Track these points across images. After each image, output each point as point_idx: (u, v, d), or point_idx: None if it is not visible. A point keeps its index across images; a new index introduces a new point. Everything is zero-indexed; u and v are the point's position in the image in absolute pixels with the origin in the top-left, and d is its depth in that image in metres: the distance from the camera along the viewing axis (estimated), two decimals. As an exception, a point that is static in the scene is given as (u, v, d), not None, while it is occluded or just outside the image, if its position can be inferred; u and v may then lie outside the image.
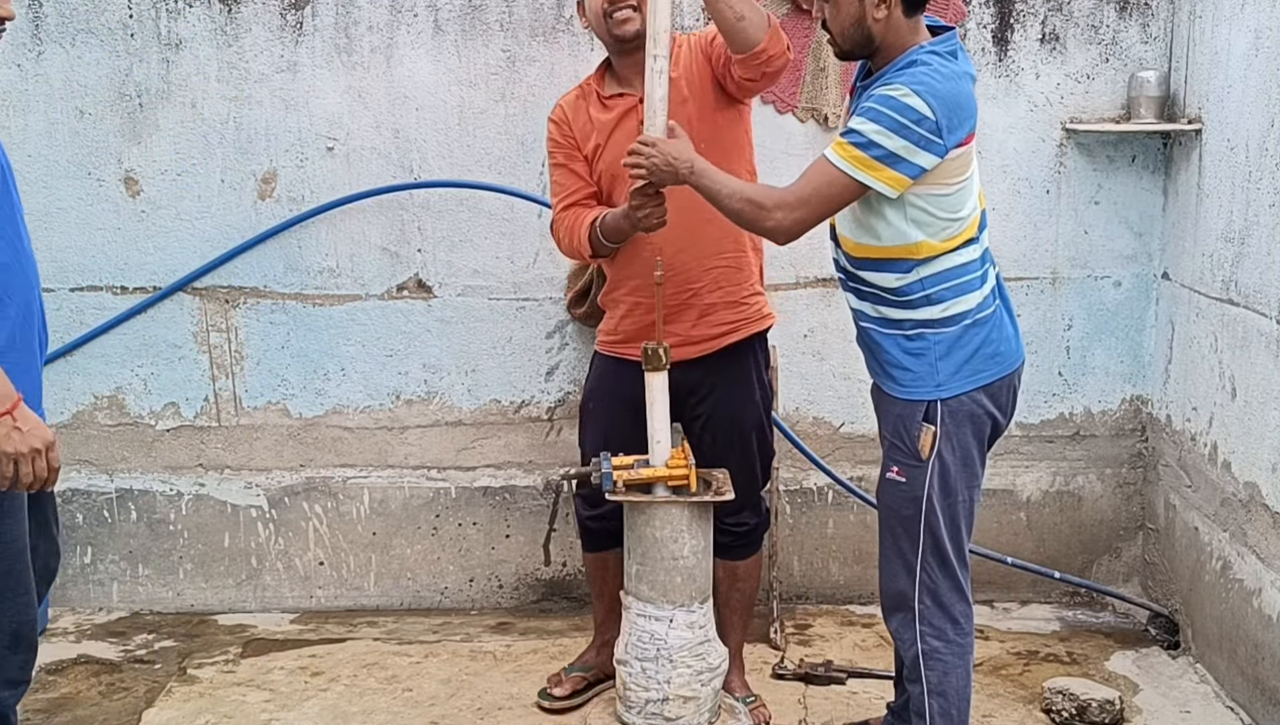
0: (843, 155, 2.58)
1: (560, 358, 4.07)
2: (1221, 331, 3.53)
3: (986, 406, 2.73)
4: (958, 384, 2.69)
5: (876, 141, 2.54)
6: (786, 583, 4.12)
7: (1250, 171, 3.35)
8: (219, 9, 3.87)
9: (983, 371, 2.71)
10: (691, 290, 3.18)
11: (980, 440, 2.75)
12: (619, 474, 3.11)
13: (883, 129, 2.54)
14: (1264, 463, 3.26)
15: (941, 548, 2.73)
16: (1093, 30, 3.89)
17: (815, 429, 4.11)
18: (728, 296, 3.21)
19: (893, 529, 2.79)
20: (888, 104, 2.54)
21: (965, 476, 2.73)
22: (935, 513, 2.71)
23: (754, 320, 3.27)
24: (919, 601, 2.75)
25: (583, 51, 3.90)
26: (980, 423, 2.73)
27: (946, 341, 2.69)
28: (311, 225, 3.97)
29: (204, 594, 4.16)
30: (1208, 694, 3.53)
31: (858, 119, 2.58)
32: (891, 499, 2.78)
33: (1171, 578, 3.91)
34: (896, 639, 2.84)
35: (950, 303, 2.69)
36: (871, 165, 2.56)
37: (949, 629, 2.76)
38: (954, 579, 2.75)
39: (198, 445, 4.10)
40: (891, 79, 2.58)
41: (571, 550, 4.11)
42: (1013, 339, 2.78)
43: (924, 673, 2.75)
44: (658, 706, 3.12)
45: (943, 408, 2.69)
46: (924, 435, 2.69)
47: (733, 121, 3.18)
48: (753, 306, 3.27)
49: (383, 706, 3.50)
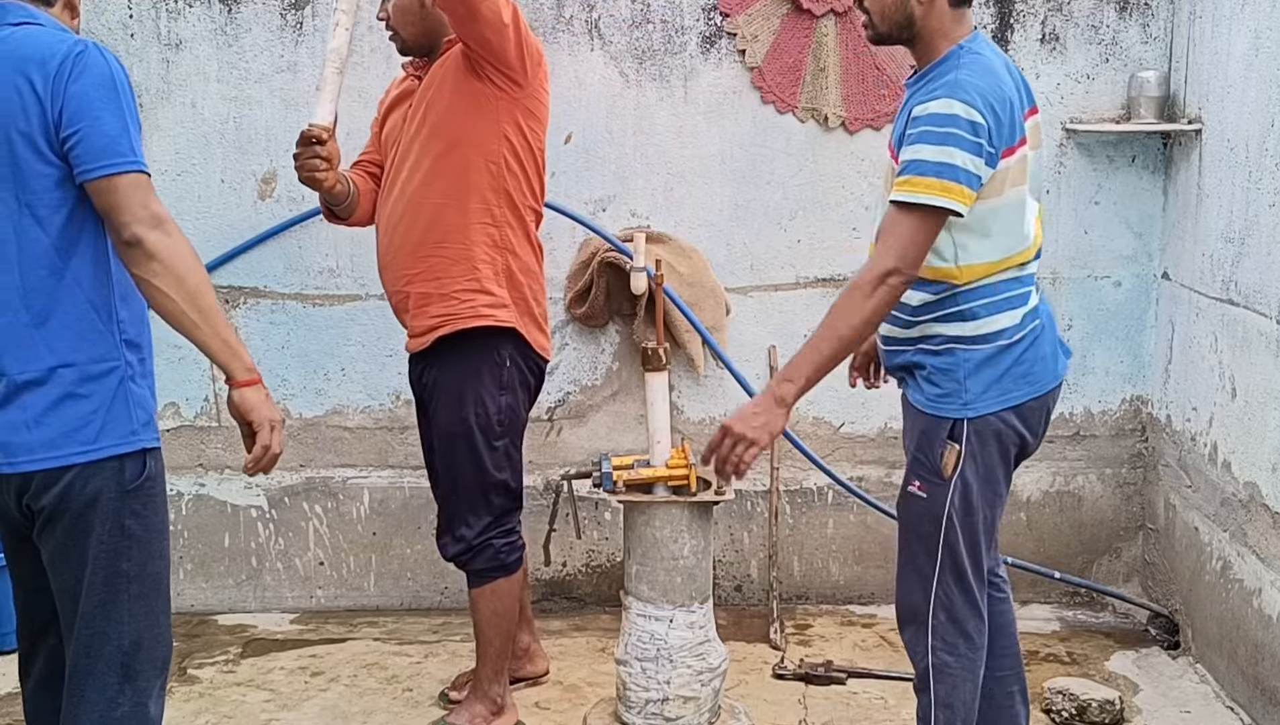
0: (912, 190, 2.43)
1: (560, 358, 4.07)
2: (1221, 331, 3.53)
3: (1015, 426, 2.61)
4: (986, 403, 2.57)
5: (939, 161, 2.41)
6: (786, 583, 4.13)
7: (1250, 171, 3.35)
8: (219, 9, 3.87)
9: (1013, 392, 2.58)
10: (408, 277, 3.09)
11: (1006, 460, 2.63)
12: (619, 474, 3.12)
13: (942, 148, 2.41)
14: (1264, 463, 3.26)
15: (959, 565, 2.64)
16: (1093, 30, 3.89)
17: (815, 429, 4.11)
18: (440, 289, 3.06)
19: (910, 543, 2.70)
20: (936, 121, 2.43)
21: (988, 495, 2.63)
22: (955, 531, 2.61)
23: (464, 317, 3.05)
24: (933, 616, 2.68)
25: (582, 51, 3.91)
26: (1007, 442, 2.61)
27: (977, 359, 2.56)
28: (311, 225, 3.97)
29: (204, 594, 4.16)
30: (1208, 694, 3.53)
31: (913, 147, 2.45)
32: (911, 514, 2.69)
33: (1171, 578, 3.91)
34: (909, 650, 2.78)
35: (985, 320, 2.57)
36: (943, 187, 2.41)
37: (961, 644, 2.69)
38: (969, 594, 2.68)
39: (198, 445, 4.10)
40: (936, 90, 2.46)
41: (571, 550, 4.12)
42: (1049, 360, 2.64)
43: (933, 685, 2.69)
44: (658, 707, 3.12)
45: (969, 427, 2.57)
46: (948, 453, 2.58)
47: (476, 93, 3.01)
48: (465, 302, 3.05)
49: (383, 706, 3.50)
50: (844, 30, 3.87)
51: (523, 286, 3.12)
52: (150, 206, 2.16)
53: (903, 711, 3.43)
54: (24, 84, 2.13)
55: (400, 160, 3.10)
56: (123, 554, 2.26)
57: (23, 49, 2.16)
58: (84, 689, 2.28)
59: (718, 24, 3.90)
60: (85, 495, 2.21)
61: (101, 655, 2.27)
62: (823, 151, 3.97)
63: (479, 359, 3.10)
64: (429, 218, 3.04)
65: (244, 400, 2.34)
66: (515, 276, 3.11)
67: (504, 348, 3.11)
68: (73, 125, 2.13)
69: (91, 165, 2.14)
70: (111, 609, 2.26)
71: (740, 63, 3.92)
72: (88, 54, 2.15)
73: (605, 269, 3.88)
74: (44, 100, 2.13)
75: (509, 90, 3.01)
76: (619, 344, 4.07)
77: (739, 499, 4.07)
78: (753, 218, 4.01)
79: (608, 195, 3.99)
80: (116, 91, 2.17)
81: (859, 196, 3.99)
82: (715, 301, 3.93)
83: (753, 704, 3.44)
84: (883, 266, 2.44)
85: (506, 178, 3.05)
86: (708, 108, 3.95)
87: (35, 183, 2.16)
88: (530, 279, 3.15)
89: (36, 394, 2.20)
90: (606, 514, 4.13)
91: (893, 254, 2.43)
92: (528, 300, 3.14)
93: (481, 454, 3.12)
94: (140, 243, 2.15)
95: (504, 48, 2.93)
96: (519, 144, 3.06)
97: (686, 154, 3.97)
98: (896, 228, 2.45)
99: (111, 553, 2.25)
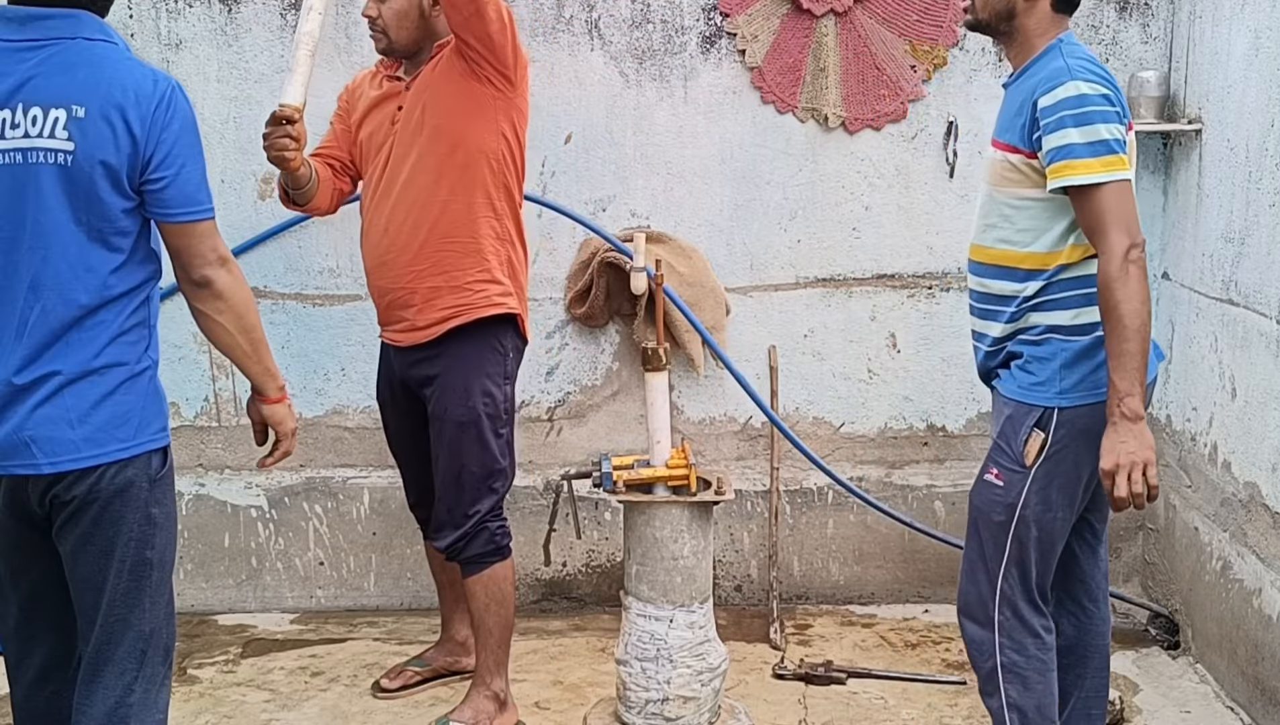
0: (1073, 173, 2.43)
1: (560, 358, 4.07)
2: (1221, 331, 3.53)
3: (1104, 423, 2.52)
4: (1078, 395, 2.55)
5: (1089, 141, 2.43)
6: (786, 583, 4.13)
7: (1250, 171, 3.35)
8: (219, 9, 3.87)
9: (1105, 386, 2.50)
10: (414, 272, 3.13)
11: (1092, 462, 2.54)
12: (619, 474, 3.12)
13: (1088, 127, 2.43)
14: (1264, 463, 3.26)
15: (1026, 561, 2.61)
16: (1093, 30, 3.89)
17: (815, 429, 4.11)
18: (451, 281, 3.12)
19: (980, 532, 2.67)
20: (1069, 105, 2.45)
21: (1068, 493, 2.60)
22: (1027, 524, 2.58)
23: (479, 306, 3.13)
24: (998, 612, 2.64)
25: (582, 51, 3.91)
26: (1094, 441, 2.51)
27: (1074, 349, 2.55)
28: (311, 225, 3.97)
29: (204, 594, 4.16)
30: (1208, 694, 3.53)
31: (1059, 134, 2.45)
32: (984, 501, 2.66)
33: (1171, 578, 3.91)
34: (971, 649, 2.72)
35: (1084, 310, 2.55)
36: (1104, 164, 2.43)
37: (1029, 643, 2.65)
38: (1032, 595, 2.64)
39: (198, 445, 4.10)
40: (1052, 79, 2.49)
41: (571, 550, 4.12)
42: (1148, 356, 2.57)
43: (1003, 686, 2.64)
44: (658, 706, 3.12)
45: (1058, 416, 2.55)
46: (1032, 440, 2.56)
47: (476, 94, 3.08)
48: (478, 292, 3.13)
49: (383, 706, 3.50)
50: (844, 30, 3.87)
51: (520, 276, 3.24)
52: (219, 250, 2.36)
53: (903, 711, 3.43)
54: (118, 119, 2.21)
55: (397, 161, 3.14)
56: (149, 541, 2.35)
57: (114, 79, 2.23)
58: (101, 675, 2.35)
59: (718, 24, 3.90)
60: (116, 485, 2.30)
61: (123, 642, 2.35)
62: (823, 151, 3.97)
63: (485, 349, 3.18)
64: (436, 214, 3.10)
65: (274, 413, 2.57)
66: (515, 267, 3.22)
67: (506, 337, 3.20)
68: (163, 170, 2.26)
69: (176, 211, 2.29)
70: (136, 597, 2.35)
71: (740, 63, 3.92)
72: (176, 96, 2.28)
73: (605, 269, 3.88)
74: (139, 141, 2.23)
75: (505, 91, 3.09)
76: (619, 344, 4.07)
77: (739, 499, 4.07)
78: (753, 218, 4.01)
79: (608, 195, 3.99)
80: (197, 136, 2.33)
81: (859, 196, 3.99)
82: (715, 301, 3.93)
83: (753, 704, 3.44)
84: (1118, 249, 2.41)
85: (505, 174, 3.15)
86: (708, 108, 3.95)
87: (109, 211, 2.25)
88: (522, 270, 3.27)
89: (80, 391, 2.27)
90: (606, 514, 4.13)
91: (1115, 233, 2.41)
92: (523, 289, 3.26)
93: (489, 442, 3.19)
94: (210, 284, 2.34)
95: (504, 46, 3.01)
96: (513, 141, 3.16)
97: (686, 154, 3.97)
98: (1095, 210, 2.44)
99: (140, 541, 2.34)
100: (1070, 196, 2.48)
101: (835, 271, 4.03)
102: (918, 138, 3.96)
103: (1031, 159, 2.53)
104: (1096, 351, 2.54)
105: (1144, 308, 2.42)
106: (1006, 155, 2.59)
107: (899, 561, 4.17)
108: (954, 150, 3.95)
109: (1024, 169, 2.56)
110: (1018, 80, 2.62)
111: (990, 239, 2.65)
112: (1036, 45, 2.59)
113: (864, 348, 4.07)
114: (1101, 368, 2.52)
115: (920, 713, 3.43)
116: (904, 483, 4.14)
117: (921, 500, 4.13)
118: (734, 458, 4.11)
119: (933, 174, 3.98)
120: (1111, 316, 2.42)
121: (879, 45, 3.88)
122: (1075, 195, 2.46)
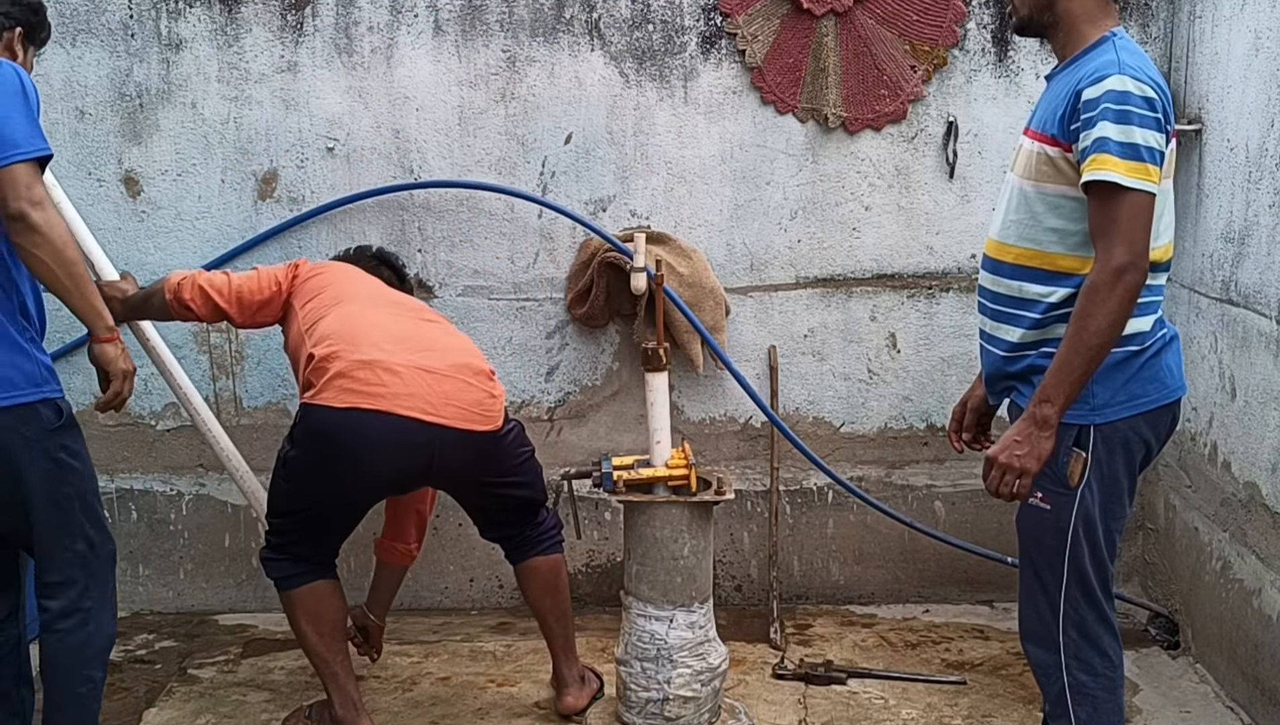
0: (1101, 168, 2.32)
1: (560, 358, 4.07)
2: (1221, 331, 3.53)
3: (1143, 434, 2.49)
4: (1115, 409, 2.45)
5: (1137, 143, 2.31)
6: (786, 583, 4.13)
7: (1250, 171, 3.35)
8: (219, 9, 3.87)
9: (1142, 397, 2.45)
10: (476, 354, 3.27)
11: (1132, 471, 2.51)
12: (619, 474, 3.12)
13: (1125, 126, 2.31)
14: (1264, 463, 3.27)
15: (1086, 581, 2.53)
16: (1093, 30, 3.89)
17: (815, 429, 4.11)
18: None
19: (1033, 558, 2.58)
20: (1113, 99, 2.33)
21: (1114, 508, 2.52)
22: (1080, 545, 2.50)
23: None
24: (1064, 634, 2.55)
25: (582, 52, 3.91)
26: (1134, 451, 2.48)
27: (1107, 363, 2.41)
28: (311, 225, 3.97)
29: (204, 594, 4.17)
30: (1208, 694, 3.53)
31: (1099, 126, 2.33)
32: (1034, 526, 2.56)
33: (1171, 578, 3.91)
34: (1037, 671, 2.65)
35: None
36: (1129, 169, 2.31)
37: (1097, 662, 2.56)
38: (1100, 610, 2.57)
39: (198, 445, 4.09)
40: (1101, 70, 2.37)
41: (572, 550, 4.10)
42: (1177, 370, 2.54)
43: (1072, 708, 2.57)
44: (658, 706, 3.12)
45: (1096, 433, 2.45)
46: (1074, 462, 2.46)
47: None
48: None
49: (383, 706, 3.50)
50: (844, 30, 3.88)
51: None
52: (34, 191, 2.57)
53: (903, 711, 3.44)
54: None
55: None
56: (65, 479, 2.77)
57: None
58: (58, 587, 2.79)
59: (718, 24, 3.91)
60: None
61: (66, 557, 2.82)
62: (823, 152, 3.97)
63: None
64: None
65: (103, 352, 2.80)
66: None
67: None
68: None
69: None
70: (65, 522, 2.78)
71: (740, 63, 3.92)
72: (3, 67, 2.60)
73: (605, 269, 3.88)
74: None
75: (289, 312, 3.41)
76: (619, 344, 4.07)
77: (739, 499, 4.08)
78: (753, 218, 4.01)
79: (608, 195, 3.99)
80: (22, 97, 2.59)
81: (859, 196, 3.99)
82: (715, 302, 3.93)
83: (753, 704, 3.45)
84: (1115, 262, 2.31)
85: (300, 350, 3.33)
86: (708, 108, 3.95)
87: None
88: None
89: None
90: (606, 514, 4.13)
91: (1119, 246, 2.31)
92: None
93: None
94: (24, 217, 2.55)
95: (270, 315, 3.38)
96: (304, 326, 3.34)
97: (686, 154, 3.97)
98: (1109, 213, 2.33)
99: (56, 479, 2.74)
100: (1087, 191, 2.37)
101: (835, 272, 4.03)
102: (918, 138, 3.96)
103: (1068, 152, 2.41)
104: (1129, 363, 2.45)
105: (1113, 331, 2.34)
106: (1043, 147, 2.46)
107: (899, 561, 4.17)
108: (954, 150, 3.95)
109: (1060, 163, 2.44)
110: (1064, 70, 2.49)
111: (1013, 236, 2.53)
112: (1086, 34, 2.47)
113: (864, 348, 4.07)
114: (1135, 378, 2.45)
115: (920, 713, 3.43)
116: (904, 483, 4.14)
117: (921, 500, 4.14)
118: (734, 458, 4.11)
119: (933, 174, 3.98)
120: (1077, 323, 2.34)
121: (879, 45, 3.89)
122: (1092, 190, 2.35)
